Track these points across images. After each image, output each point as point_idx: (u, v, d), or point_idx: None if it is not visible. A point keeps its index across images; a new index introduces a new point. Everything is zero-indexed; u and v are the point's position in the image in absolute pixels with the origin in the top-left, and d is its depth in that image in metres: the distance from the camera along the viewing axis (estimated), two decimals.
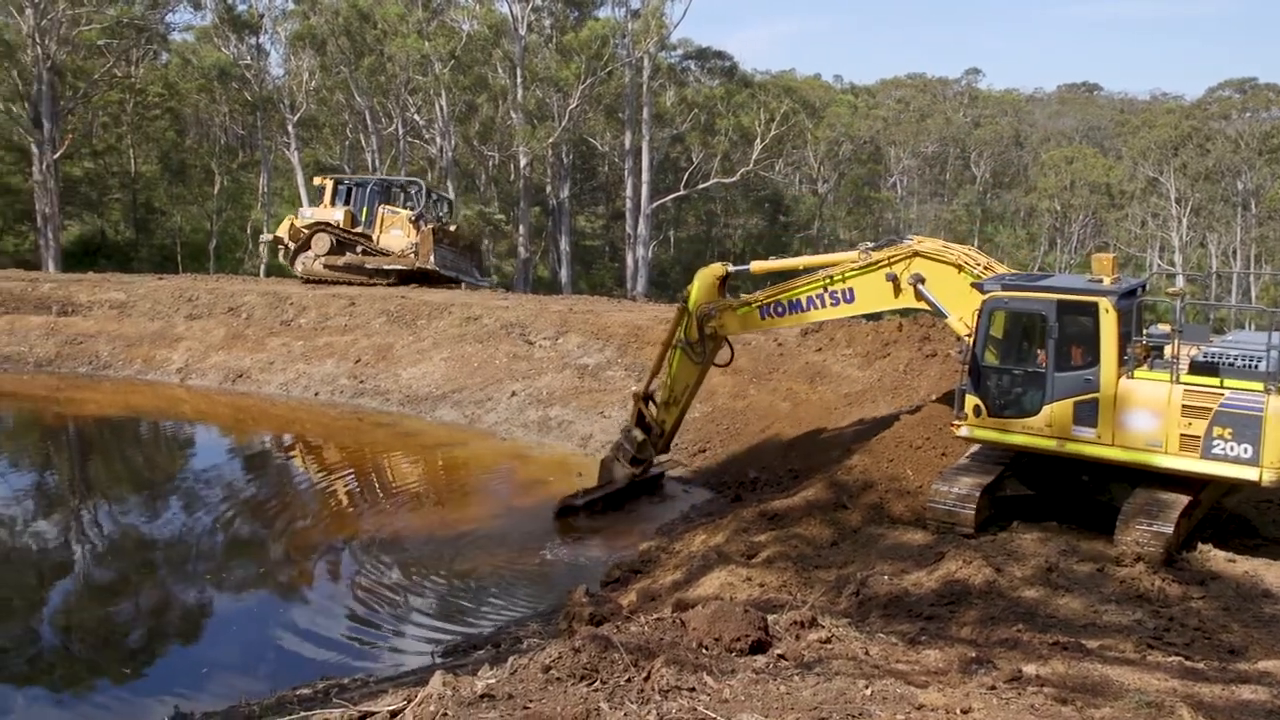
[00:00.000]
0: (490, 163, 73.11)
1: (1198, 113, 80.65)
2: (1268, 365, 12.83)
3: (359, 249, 37.77)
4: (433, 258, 36.79)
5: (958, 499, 14.15)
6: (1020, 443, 14.29)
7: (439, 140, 66.28)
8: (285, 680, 12.46)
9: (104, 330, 34.22)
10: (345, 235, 37.79)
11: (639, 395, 19.68)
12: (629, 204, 69.27)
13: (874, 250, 16.50)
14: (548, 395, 26.66)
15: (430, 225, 37.44)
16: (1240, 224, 73.42)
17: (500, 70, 66.38)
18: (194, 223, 68.05)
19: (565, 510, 19.22)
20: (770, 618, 8.86)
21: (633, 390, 20.95)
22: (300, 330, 32.76)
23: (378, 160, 66.07)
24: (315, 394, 29.51)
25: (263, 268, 53.06)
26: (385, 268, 37.25)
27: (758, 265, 18.64)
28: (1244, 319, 55.59)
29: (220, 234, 65.70)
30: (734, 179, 70.03)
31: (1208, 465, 12.92)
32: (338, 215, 38.15)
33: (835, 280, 16.63)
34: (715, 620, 8.31)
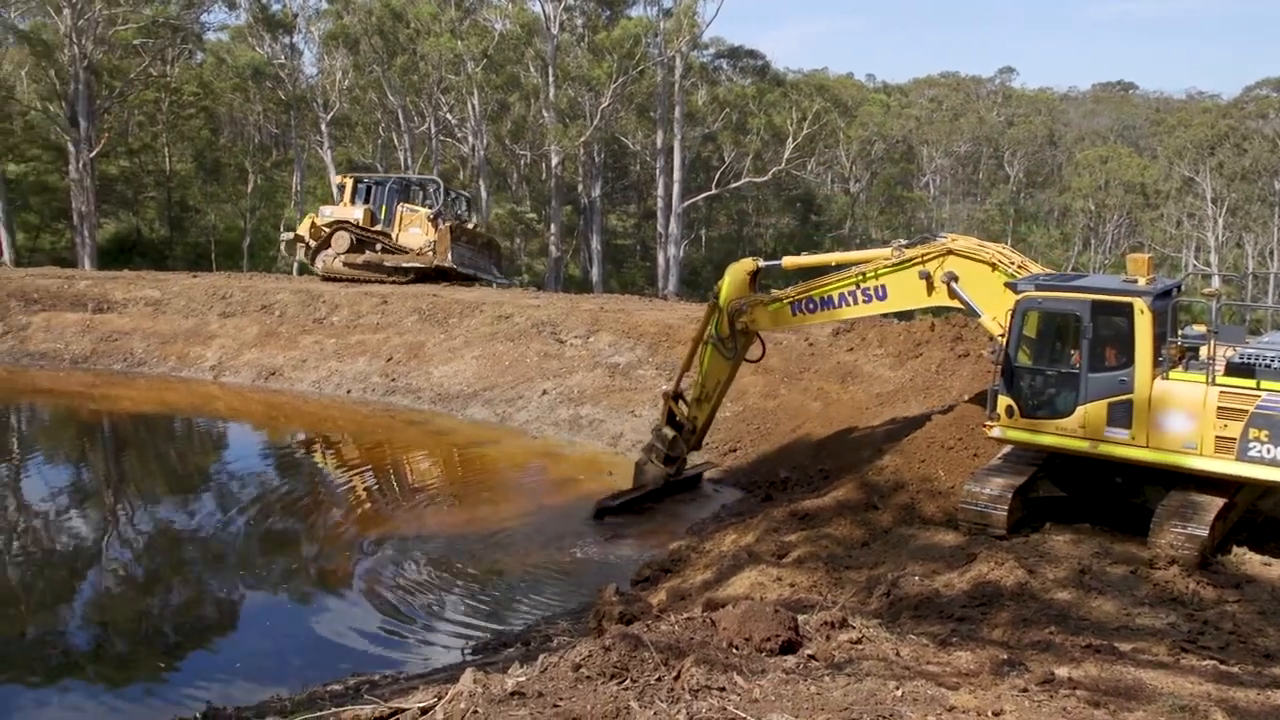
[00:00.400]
0: (522, 161, 73.25)
1: (1234, 112, 79.80)
2: None
3: (378, 247, 37.97)
4: (450, 255, 36.95)
5: (990, 500, 14.06)
6: (1053, 444, 14.18)
7: (471, 139, 66.44)
8: (316, 676, 12.51)
9: (139, 327, 34.50)
10: (364, 233, 38.02)
11: (669, 394, 19.66)
12: (660, 203, 69.22)
13: (907, 247, 16.40)
14: (579, 394, 26.68)
15: (448, 223, 37.61)
16: (1277, 224, 72.63)
17: (532, 69, 66.48)
18: (228, 221, 68.53)
19: (601, 513, 19.16)
20: (801, 618, 8.84)
21: (663, 389, 20.93)
22: (332, 328, 32.92)
23: (410, 159, 66.29)
24: (347, 392, 29.65)
25: (295, 266, 53.38)
26: (403, 265, 37.42)
27: (790, 260, 18.57)
28: None
29: (254, 232, 66.13)
30: (766, 178, 69.88)
31: (1243, 467, 12.79)
32: (357, 214, 38.42)
33: (868, 277, 16.54)
34: (745, 620, 8.31)
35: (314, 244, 38.91)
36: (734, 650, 7.97)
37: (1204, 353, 13.64)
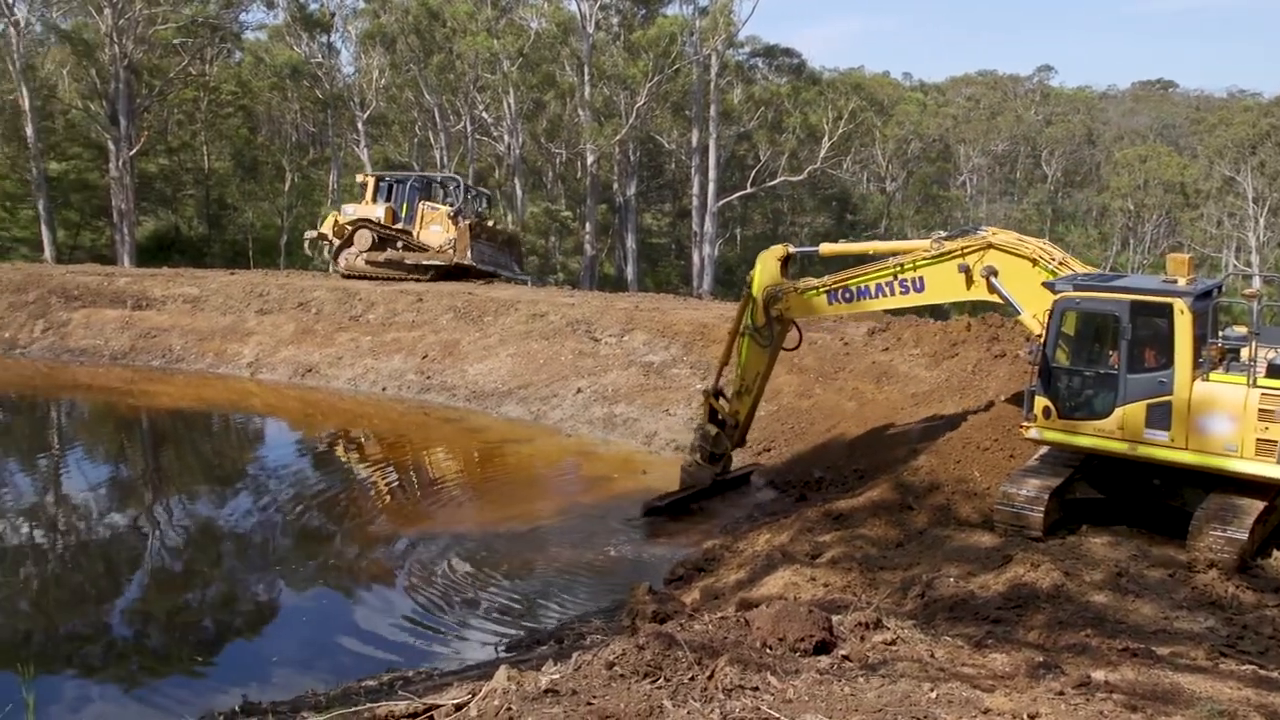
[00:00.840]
0: (557, 160, 73.40)
1: (1276, 110, 78.86)
2: None
3: (399, 245, 38.18)
4: (470, 253, 37.16)
5: (1026, 501, 13.96)
6: (1091, 445, 14.06)
7: (507, 138, 66.65)
8: (351, 672, 12.59)
9: (177, 324, 34.80)
10: (386, 231, 38.23)
11: (709, 391, 19.56)
12: (695, 201, 69.20)
13: (947, 240, 16.21)
14: (613, 392, 26.69)
15: (467, 221, 37.76)
16: None
17: (568, 68, 66.62)
18: (265, 219, 69.01)
19: (649, 513, 19.05)
20: (835, 618, 8.82)
21: (702, 389, 20.87)
22: (368, 326, 33.09)
23: (446, 158, 66.56)
24: (383, 389, 29.79)
25: (330, 264, 53.75)
26: (424, 263, 37.60)
27: (827, 248, 18.47)
28: None
29: (291, 230, 66.51)
30: (801, 177, 69.72)
31: None
32: (379, 212, 38.67)
33: (906, 268, 16.34)
34: (779, 620, 8.28)
35: (337, 242, 39.25)
36: (768, 650, 7.95)
37: (1245, 354, 13.49)
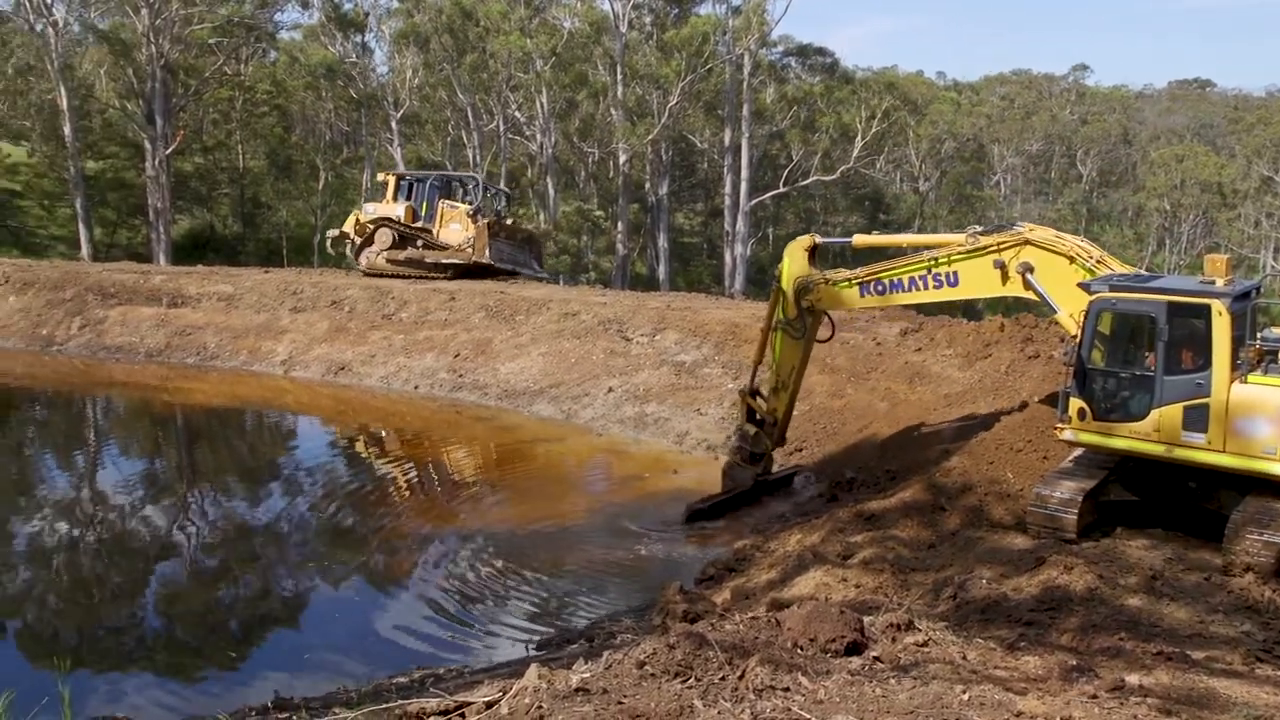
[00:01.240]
0: (590, 159, 73.48)
1: None
2: None
3: (419, 243, 38.42)
4: (488, 251, 37.33)
5: (1060, 503, 13.84)
6: (1126, 447, 13.92)
7: (539, 137, 66.81)
8: (382, 668, 12.66)
9: (212, 322, 35.06)
10: (406, 230, 38.49)
11: (745, 391, 19.48)
12: (728, 201, 69.14)
13: (982, 235, 16.05)
14: (644, 392, 26.69)
15: (486, 219, 37.90)
16: None
17: (601, 67, 66.69)
18: (299, 217, 69.42)
19: (694, 516, 18.86)
20: (866, 619, 8.78)
21: (737, 389, 20.79)
22: (401, 324, 33.23)
23: (479, 157, 66.75)
24: (415, 387, 29.90)
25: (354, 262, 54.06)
26: (443, 261, 37.83)
27: (860, 239, 18.37)
28: None
29: (324, 229, 66.84)
30: (834, 176, 69.56)
31: None
32: (399, 210, 38.99)
33: (940, 262, 16.18)
34: (810, 620, 8.26)
35: (358, 240, 39.58)
36: (799, 651, 7.93)
37: None
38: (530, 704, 6.71)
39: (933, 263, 16.27)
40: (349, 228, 40.57)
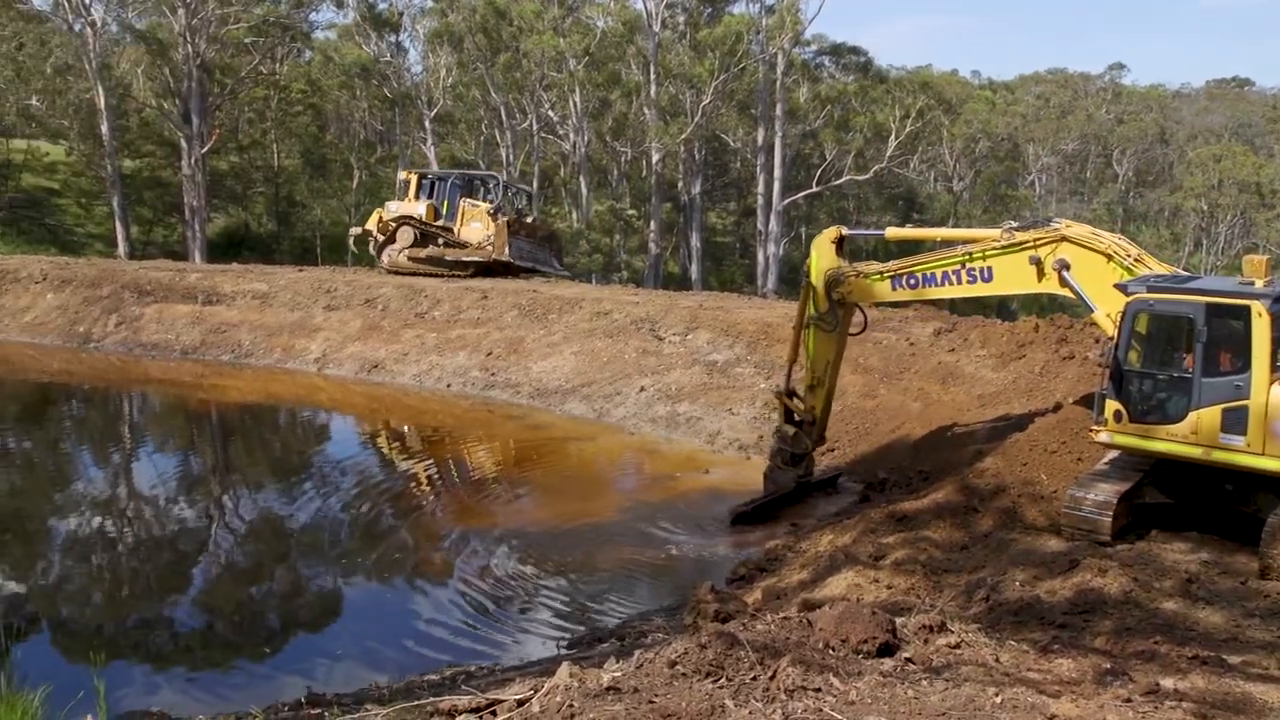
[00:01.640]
0: (623, 158, 73.50)
1: None
2: None
3: (440, 241, 38.71)
4: (508, 249, 37.53)
5: (1095, 506, 13.74)
6: (1163, 450, 13.78)
7: (572, 136, 66.93)
8: (414, 666, 12.71)
9: (246, 320, 35.32)
10: (428, 228, 38.81)
11: (781, 392, 19.35)
12: (760, 200, 69.03)
13: (1018, 230, 15.90)
14: (676, 391, 26.67)
15: (506, 218, 38.06)
16: None
17: (634, 66, 66.74)
18: (333, 216, 69.77)
19: (737, 519, 18.66)
20: (898, 620, 8.74)
21: (769, 388, 20.71)
22: (434, 323, 33.35)
23: (512, 156, 66.93)
24: (447, 385, 30.00)
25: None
26: (464, 260, 38.13)
27: (893, 231, 18.24)
28: None
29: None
30: (867, 176, 69.33)
31: None
32: (421, 209, 39.36)
33: (974, 257, 16.01)
34: (842, 621, 8.23)
35: (381, 239, 39.92)
36: (830, 651, 7.91)
37: None
38: (561, 702, 6.72)
39: (967, 257, 16.12)
40: (372, 225, 41.02)
